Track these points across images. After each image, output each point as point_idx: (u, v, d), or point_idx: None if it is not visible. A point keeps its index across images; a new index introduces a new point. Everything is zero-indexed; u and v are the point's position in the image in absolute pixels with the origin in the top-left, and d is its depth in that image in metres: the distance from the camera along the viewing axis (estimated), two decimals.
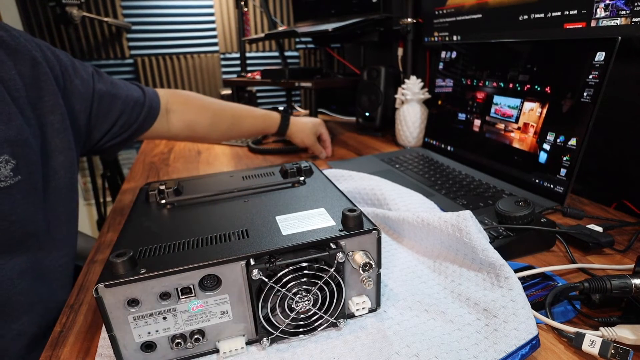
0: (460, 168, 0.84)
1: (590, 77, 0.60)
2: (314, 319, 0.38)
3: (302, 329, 0.38)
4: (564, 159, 0.64)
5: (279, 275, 0.35)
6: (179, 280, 0.33)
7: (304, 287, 0.36)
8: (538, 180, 0.69)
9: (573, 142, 0.63)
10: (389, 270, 0.48)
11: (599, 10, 0.63)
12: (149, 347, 0.35)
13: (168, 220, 0.43)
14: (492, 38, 0.86)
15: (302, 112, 1.80)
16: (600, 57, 0.59)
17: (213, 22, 1.84)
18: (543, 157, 0.68)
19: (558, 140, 0.65)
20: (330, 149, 1.01)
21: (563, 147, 0.64)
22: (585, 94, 0.61)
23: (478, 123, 0.84)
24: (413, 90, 1.02)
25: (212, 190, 0.50)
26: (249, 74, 1.49)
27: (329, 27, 1.09)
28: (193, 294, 0.34)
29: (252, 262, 0.35)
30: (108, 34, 1.73)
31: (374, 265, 0.38)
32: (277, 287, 0.35)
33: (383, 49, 1.43)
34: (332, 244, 0.37)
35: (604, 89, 0.59)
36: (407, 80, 1.04)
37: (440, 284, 0.45)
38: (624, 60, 0.65)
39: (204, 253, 0.35)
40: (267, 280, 0.35)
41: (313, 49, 2.02)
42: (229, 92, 1.61)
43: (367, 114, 1.21)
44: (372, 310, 0.41)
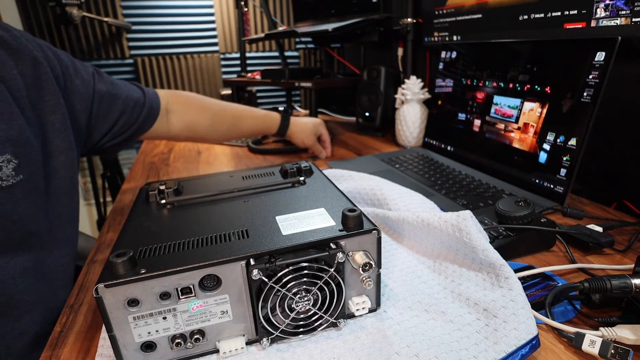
0: (460, 168, 0.84)
1: (590, 77, 0.60)
2: (314, 319, 0.38)
3: (302, 329, 0.38)
4: (564, 159, 0.64)
5: (279, 275, 0.35)
6: (179, 280, 0.33)
7: (304, 287, 0.36)
8: (538, 180, 0.69)
9: (573, 142, 0.63)
10: (389, 270, 0.48)
11: (599, 10, 0.63)
12: (149, 347, 0.35)
13: (168, 220, 0.43)
14: (492, 38, 0.86)
15: (302, 112, 1.80)
16: (600, 57, 0.59)
17: (213, 22, 1.84)
18: (543, 157, 0.68)
19: (558, 140, 0.65)
20: (330, 149, 1.01)
21: (563, 147, 0.64)
22: (585, 94, 0.61)
23: (478, 123, 0.84)
24: (413, 90, 1.02)
25: (212, 190, 0.50)
26: (249, 74, 1.49)
27: (329, 27, 1.09)
28: (193, 294, 0.34)
29: (252, 262, 0.35)
30: (108, 34, 1.73)
31: (374, 265, 0.38)
32: (277, 287, 0.35)
33: (383, 49, 1.43)
34: (332, 244, 0.37)
35: (604, 89, 0.59)
36: (407, 80, 1.04)
37: (440, 284, 0.45)
38: (624, 60, 0.65)
39: (204, 253, 0.35)
40: (267, 280, 0.35)
41: (313, 49, 2.02)
42: (229, 92, 1.61)
43: (367, 114, 1.21)
44: (372, 310, 0.42)
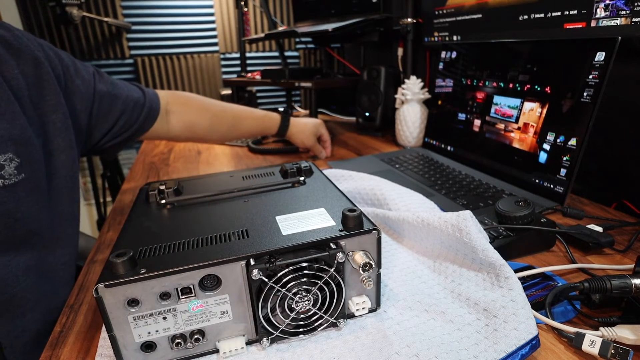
0: (460, 168, 0.84)
1: (590, 77, 0.60)
2: (314, 319, 0.38)
3: (302, 329, 0.38)
4: (564, 159, 0.64)
5: (279, 275, 0.35)
6: (179, 280, 0.33)
7: (304, 287, 0.36)
8: (538, 180, 0.69)
9: (573, 142, 0.63)
10: (389, 270, 0.48)
11: (599, 10, 0.63)
12: (149, 347, 0.35)
13: (168, 220, 0.43)
14: (492, 38, 0.86)
15: (302, 112, 1.80)
16: (600, 57, 0.59)
17: (213, 22, 1.84)
18: (543, 157, 0.68)
19: (558, 140, 0.65)
20: (330, 149, 1.01)
21: (563, 147, 0.64)
22: (585, 94, 0.61)
23: (478, 123, 0.84)
24: (413, 90, 1.02)
25: (212, 190, 0.50)
26: (249, 74, 1.49)
27: (329, 27, 1.09)
28: (193, 294, 0.34)
29: (252, 262, 0.35)
30: (108, 34, 1.73)
31: (374, 265, 0.38)
32: (277, 287, 0.35)
33: (383, 49, 1.43)
34: (332, 244, 0.37)
35: (604, 89, 0.59)
36: (407, 80, 1.04)
37: (440, 284, 0.45)
38: (624, 60, 0.65)
39: (204, 253, 0.35)
40: (267, 280, 0.35)
41: (313, 49, 2.02)
42: (229, 92, 1.61)
43: (367, 114, 1.21)
44: (372, 310, 0.41)
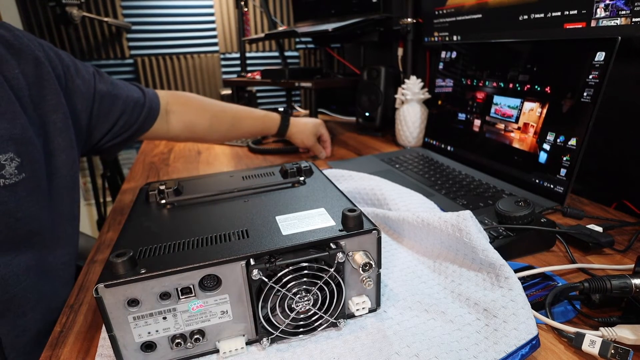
0: (460, 168, 0.84)
1: (590, 77, 0.60)
2: (314, 319, 0.38)
3: (302, 329, 0.38)
4: (564, 159, 0.64)
5: (279, 275, 0.35)
6: (179, 280, 0.33)
7: (304, 287, 0.36)
8: (538, 180, 0.69)
9: (573, 142, 0.63)
10: (389, 270, 0.48)
11: (599, 10, 0.63)
12: (149, 347, 0.35)
13: (168, 220, 0.43)
14: (492, 38, 0.86)
15: (302, 112, 1.80)
16: (600, 57, 0.59)
17: (213, 22, 1.84)
18: (543, 157, 0.68)
19: (558, 140, 0.65)
20: (330, 149, 1.01)
21: (563, 147, 0.64)
22: (585, 94, 0.61)
23: (478, 123, 0.84)
24: (413, 90, 1.02)
25: (212, 190, 0.50)
26: (249, 74, 1.49)
27: (329, 27, 1.09)
28: (193, 294, 0.34)
29: (252, 262, 0.35)
30: (108, 34, 1.73)
31: (374, 265, 0.38)
32: (277, 287, 0.35)
33: (383, 49, 1.43)
34: (332, 244, 0.37)
35: (604, 89, 0.59)
36: (407, 80, 1.04)
37: (440, 284, 0.45)
38: (624, 60, 0.65)
39: (204, 253, 0.35)
40: (267, 280, 0.35)
41: (313, 49, 2.02)
42: (229, 92, 1.61)
43: (367, 114, 1.21)
44: (372, 310, 0.41)
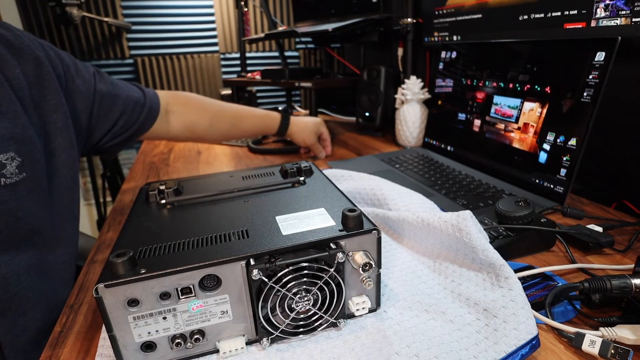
0: (460, 168, 0.84)
1: (590, 77, 0.60)
2: (314, 319, 0.38)
3: (302, 329, 0.38)
4: (564, 159, 0.64)
5: (279, 275, 0.35)
6: (179, 280, 0.33)
7: (304, 287, 0.36)
8: (538, 180, 0.69)
9: (573, 142, 0.63)
10: (389, 270, 0.48)
11: (599, 10, 0.63)
12: (149, 347, 0.35)
13: (168, 220, 0.43)
14: (492, 38, 0.85)
15: (302, 112, 1.80)
16: (600, 57, 0.59)
17: (213, 22, 1.84)
18: (543, 157, 0.68)
19: (558, 140, 0.65)
20: (330, 148, 1.01)
21: (563, 147, 0.64)
22: (585, 94, 0.61)
23: (478, 123, 0.84)
24: (413, 90, 1.02)
25: (212, 190, 0.50)
26: (249, 74, 1.49)
27: (329, 27, 1.09)
28: (193, 294, 0.34)
29: (252, 262, 0.35)
30: (108, 34, 1.73)
31: (374, 265, 0.38)
32: (277, 287, 0.35)
33: (383, 49, 1.43)
34: (332, 244, 0.37)
35: (604, 89, 0.59)
36: (407, 80, 1.04)
37: (440, 284, 0.45)
38: (624, 60, 0.65)
39: (204, 253, 0.35)
40: (267, 280, 0.35)
41: (313, 49, 2.02)
42: (229, 92, 1.61)
43: (367, 114, 1.21)
44: (372, 310, 0.41)
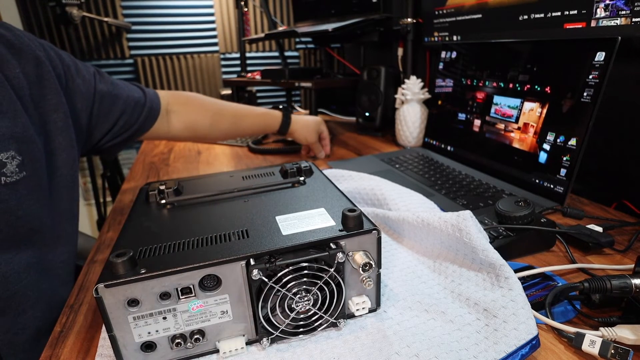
0: (460, 168, 0.84)
1: (590, 77, 0.60)
2: (314, 319, 0.38)
3: (302, 329, 0.38)
4: (564, 159, 0.64)
5: (279, 275, 0.35)
6: (179, 280, 0.33)
7: (304, 287, 0.36)
8: (538, 180, 0.69)
9: (573, 142, 0.63)
10: (389, 270, 0.48)
11: (599, 10, 0.63)
12: (149, 347, 0.35)
13: (168, 220, 0.43)
14: (492, 38, 0.85)
15: (302, 112, 1.80)
16: (600, 57, 0.59)
17: (213, 22, 1.84)
18: (543, 157, 0.68)
19: (558, 140, 0.65)
20: (329, 147, 1.01)
21: (563, 147, 0.64)
22: (585, 94, 0.61)
23: (478, 123, 0.84)
24: (413, 90, 1.02)
25: (212, 190, 0.50)
26: (249, 74, 1.49)
27: (329, 27, 1.09)
28: (193, 294, 0.34)
29: (252, 262, 0.35)
30: (108, 34, 1.73)
31: (374, 265, 0.38)
32: (277, 287, 0.35)
33: (383, 49, 1.43)
34: (332, 244, 0.37)
35: (604, 89, 0.59)
36: (407, 80, 1.04)
37: (440, 284, 0.45)
38: (624, 60, 0.65)
39: (204, 253, 0.35)
40: (267, 280, 0.35)
41: (313, 49, 2.02)
42: (229, 92, 1.61)
43: (367, 114, 1.21)
44: (372, 310, 0.41)
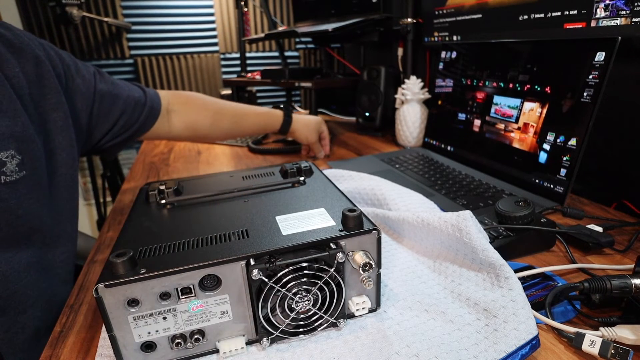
0: (460, 168, 0.84)
1: (590, 77, 0.60)
2: (314, 319, 0.38)
3: (302, 329, 0.38)
4: (564, 159, 0.64)
5: (279, 275, 0.35)
6: (179, 280, 0.33)
7: (304, 287, 0.36)
8: (538, 180, 0.69)
9: (573, 142, 0.63)
10: (389, 270, 0.48)
11: (599, 10, 0.63)
12: (149, 347, 0.35)
13: (168, 220, 0.43)
14: (492, 38, 0.85)
15: (302, 112, 1.80)
16: (600, 57, 0.59)
17: (213, 22, 1.84)
18: (543, 157, 0.68)
19: (558, 140, 0.65)
20: (329, 147, 1.00)
21: (563, 147, 0.64)
22: (585, 94, 0.61)
23: (478, 123, 0.84)
24: (413, 90, 1.02)
25: (212, 190, 0.50)
26: (249, 74, 1.49)
27: (329, 27, 1.09)
28: (193, 294, 0.34)
29: (252, 262, 0.35)
30: (108, 34, 1.73)
31: (374, 265, 0.38)
32: (277, 287, 0.35)
33: (383, 49, 1.43)
34: (332, 244, 0.37)
35: (604, 89, 0.59)
36: (407, 80, 1.04)
37: (440, 284, 0.45)
38: (624, 60, 0.65)
39: (204, 253, 0.35)
40: (267, 280, 0.35)
41: (313, 49, 2.02)
42: (229, 92, 1.61)
43: (367, 114, 1.21)
44: (372, 310, 0.41)
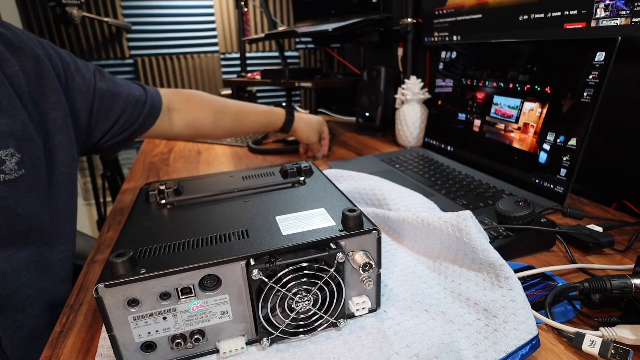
0: (460, 168, 0.84)
1: (590, 77, 0.60)
2: (314, 319, 0.38)
3: (302, 329, 0.38)
4: (564, 159, 0.64)
5: (279, 275, 0.35)
6: (179, 280, 0.33)
7: (304, 287, 0.36)
8: (538, 180, 0.69)
9: (573, 142, 0.63)
10: (389, 270, 0.48)
11: (599, 10, 0.63)
12: (149, 347, 0.35)
13: (168, 220, 0.43)
14: (492, 38, 0.85)
15: (302, 112, 1.80)
16: (600, 57, 0.59)
17: (213, 22, 1.84)
18: (543, 157, 0.68)
19: (558, 140, 0.65)
20: (327, 148, 1.00)
21: (563, 147, 0.64)
22: (585, 94, 0.61)
23: (478, 123, 0.84)
24: (413, 90, 1.02)
25: (212, 190, 0.50)
26: (249, 74, 1.49)
27: (329, 27, 1.09)
28: (193, 294, 0.34)
29: (252, 262, 0.35)
30: (108, 34, 1.73)
31: (374, 265, 0.38)
32: (277, 287, 0.35)
33: (383, 49, 1.43)
34: (332, 244, 0.37)
35: (604, 89, 0.59)
36: (407, 80, 1.04)
37: (440, 284, 0.45)
38: (624, 60, 0.65)
39: (204, 253, 0.35)
40: (267, 280, 0.35)
41: (313, 49, 2.02)
42: (229, 92, 1.61)
43: (367, 114, 1.21)
44: (372, 310, 0.41)
